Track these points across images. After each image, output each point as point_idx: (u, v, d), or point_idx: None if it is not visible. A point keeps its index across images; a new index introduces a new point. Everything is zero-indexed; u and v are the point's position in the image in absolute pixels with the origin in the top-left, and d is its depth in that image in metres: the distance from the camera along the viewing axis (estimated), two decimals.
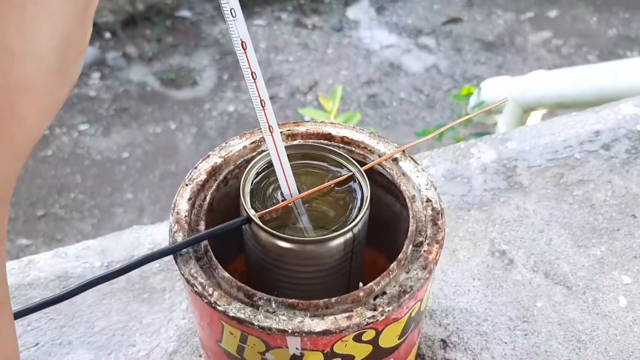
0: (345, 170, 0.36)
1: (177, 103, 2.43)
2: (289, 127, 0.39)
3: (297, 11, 2.87)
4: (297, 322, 0.29)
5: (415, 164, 0.37)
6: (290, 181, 0.34)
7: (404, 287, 0.31)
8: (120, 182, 2.16)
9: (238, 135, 0.38)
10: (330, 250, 0.33)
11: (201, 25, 2.77)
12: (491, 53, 2.74)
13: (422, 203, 0.35)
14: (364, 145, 0.38)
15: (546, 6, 2.99)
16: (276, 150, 0.33)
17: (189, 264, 0.32)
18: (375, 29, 2.83)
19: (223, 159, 0.37)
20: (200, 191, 0.36)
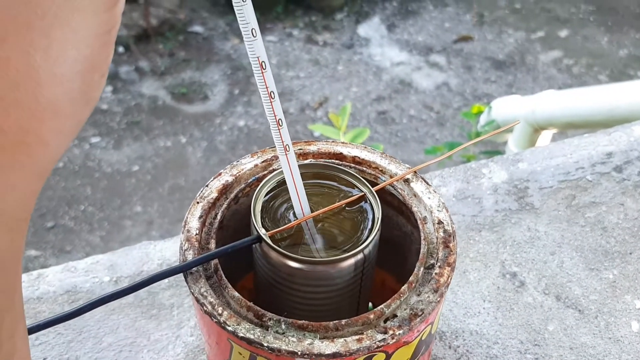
0: (356, 190, 0.36)
1: (188, 117, 2.45)
2: (300, 145, 0.39)
3: (309, 28, 2.89)
4: (306, 344, 0.29)
5: (427, 185, 0.37)
6: (303, 200, 0.34)
7: (415, 310, 0.31)
8: (130, 195, 2.17)
9: (249, 154, 0.38)
10: (341, 271, 0.33)
11: (213, 41, 2.79)
12: (502, 72, 2.74)
13: (433, 225, 0.35)
14: (375, 165, 0.38)
15: (557, 26, 2.99)
16: (290, 170, 0.33)
17: (199, 283, 0.32)
18: (386, 46, 2.84)
19: (234, 177, 0.37)
20: (211, 209, 0.36)
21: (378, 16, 3.00)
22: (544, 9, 3.13)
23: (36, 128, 0.18)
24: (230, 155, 2.28)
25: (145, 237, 1.97)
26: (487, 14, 3.06)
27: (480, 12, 3.06)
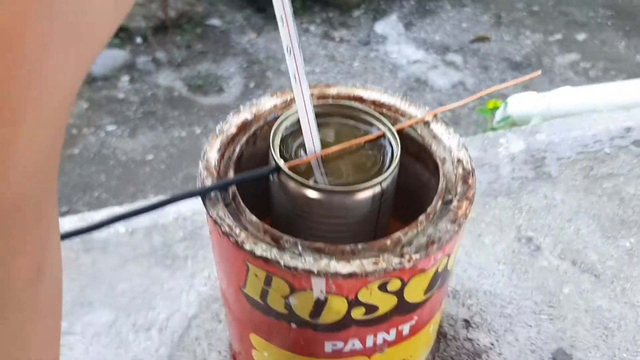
0: (375, 129, 0.36)
1: (203, 109, 2.46)
2: (320, 88, 0.39)
3: (326, 24, 2.90)
4: (323, 263, 0.29)
5: (446, 127, 0.37)
6: (314, 134, 0.34)
7: (433, 238, 0.31)
8: (144, 184, 2.18)
9: (269, 94, 0.39)
10: (358, 203, 0.33)
11: (230, 34, 2.81)
12: (518, 72, 2.73)
13: (452, 164, 0.35)
14: (395, 108, 0.38)
15: (575, 29, 2.97)
16: (303, 100, 0.33)
17: (217, 207, 0.32)
18: (403, 44, 2.84)
19: (253, 115, 0.37)
20: (230, 144, 0.36)
21: (395, 14, 3.00)
22: (562, 12, 3.11)
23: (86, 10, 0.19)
24: None
25: None
26: (505, 15, 3.05)
27: (497, 13, 3.05)
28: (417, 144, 0.38)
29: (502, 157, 0.60)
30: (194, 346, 0.46)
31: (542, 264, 0.51)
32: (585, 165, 0.60)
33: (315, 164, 0.34)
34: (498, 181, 0.58)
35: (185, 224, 0.53)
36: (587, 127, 0.64)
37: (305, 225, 0.34)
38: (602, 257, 0.52)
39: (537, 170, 0.59)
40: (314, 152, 0.34)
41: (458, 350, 0.46)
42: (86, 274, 0.50)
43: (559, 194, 0.57)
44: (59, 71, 0.20)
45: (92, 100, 2.52)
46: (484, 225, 0.54)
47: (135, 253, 0.51)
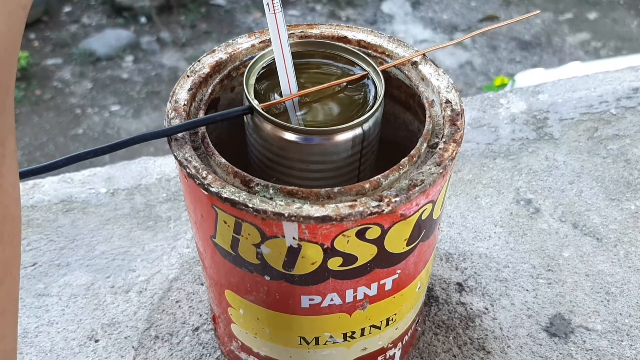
0: (359, 69, 0.33)
1: None
2: (302, 28, 0.36)
3: (332, 3, 2.85)
4: (295, 207, 0.27)
5: (435, 68, 0.34)
6: (290, 73, 0.31)
7: (414, 181, 0.28)
8: None
9: (246, 34, 0.36)
10: (338, 146, 0.30)
11: (235, 14, 2.77)
12: (527, 52, 2.68)
13: (441, 105, 0.32)
14: (382, 49, 0.35)
15: (586, 8, 2.91)
16: (278, 35, 0.30)
17: (184, 149, 0.29)
18: (410, 23, 2.80)
19: (229, 55, 0.35)
20: (202, 85, 0.33)
21: None
22: None
23: None
24: None
25: None
26: None
27: None
28: (405, 89, 0.36)
29: (502, 118, 0.57)
30: (174, 309, 0.44)
31: (542, 226, 0.49)
32: (590, 127, 0.57)
33: (291, 105, 0.32)
34: (497, 142, 0.55)
35: (169, 185, 0.51)
36: (593, 88, 0.61)
37: (281, 172, 0.32)
38: (605, 220, 0.50)
39: (539, 131, 0.56)
40: (290, 92, 0.32)
41: (450, 315, 0.43)
42: (65, 236, 0.48)
43: (561, 156, 0.54)
44: None
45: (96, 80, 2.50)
46: (480, 187, 0.52)
47: (116, 214, 0.49)
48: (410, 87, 0.35)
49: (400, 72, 0.35)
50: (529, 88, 0.60)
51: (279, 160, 0.32)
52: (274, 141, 0.31)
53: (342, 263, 0.29)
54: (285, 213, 0.27)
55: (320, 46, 0.34)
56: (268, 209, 0.27)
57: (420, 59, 0.35)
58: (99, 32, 2.69)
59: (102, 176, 0.51)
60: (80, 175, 0.51)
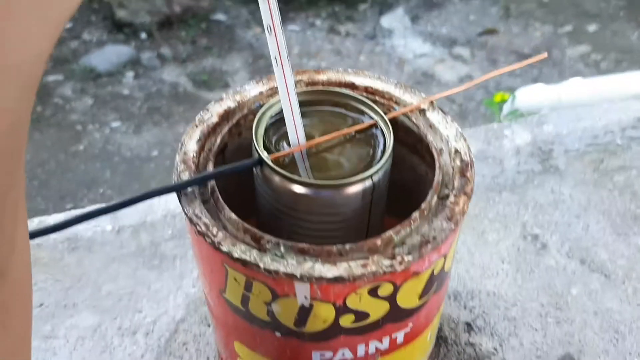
0: (367, 117, 0.33)
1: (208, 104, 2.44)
2: (309, 74, 0.36)
3: (332, 18, 2.86)
4: (307, 267, 0.27)
5: (443, 115, 0.34)
6: (298, 124, 0.31)
7: (427, 237, 0.28)
8: (148, 180, 2.16)
9: (254, 80, 0.36)
10: (348, 199, 0.30)
11: (235, 29, 2.78)
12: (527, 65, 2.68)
13: (450, 155, 0.32)
14: (389, 95, 0.35)
15: (585, 20, 2.92)
16: (285, 85, 0.30)
17: (194, 204, 0.29)
18: (409, 37, 2.80)
19: (237, 104, 0.35)
20: (210, 134, 0.33)
21: (402, 7, 2.96)
22: (572, 3, 3.05)
23: None
24: None
25: None
26: (514, 7, 3.01)
27: (506, 5, 3.01)
28: (412, 134, 0.36)
29: (507, 150, 0.57)
30: (181, 351, 0.43)
31: (549, 263, 0.49)
32: (595, 158, 0.57)
33: (299, 156, 0.32)
34: (502, 175, 0.55)
35: (174, 222, 0.51)
36: (598, 118, 0.61)
37: (291, 224, 0.32)
38: (613, 255, 0.49)
39: (544, 163, 0.56)
40: (298, 143, 0.32)
41: (459, 356, 0.43)
42: (71, 275, 0.47)
43: (567, 189, 0.54)
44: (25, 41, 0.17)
45: (97, 97, 2.50)
46: (487, 222, 0.52)
47: (122, 252, 0.49)
48: (417, 134, 0.35)
49: (408, 120, 0.35)
50: (533, 119, 0.60)
51: (287, 211, 0.31)
52: (283, 193, 0.31)
53: (354, 320, 0.29)
54: (297, 274, 0.26)
55: (327, 94, 0.34)
56: (280, 269, 0.27)
57: (427, 106, 0.35)
58: (99, 48, 2.70)
59: None
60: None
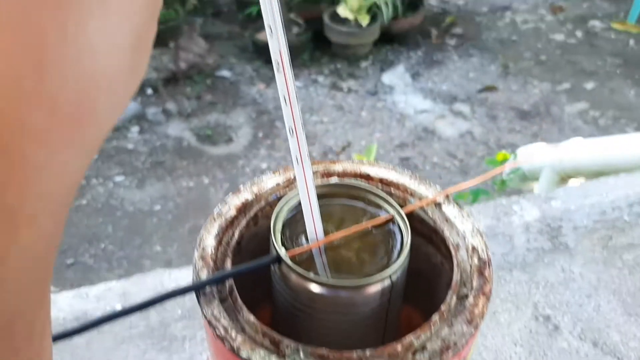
0: (383, 212, 0.34)
1: (211, 159, 2.46)
2: (325, 165, 0.37)
3: (334, 75, 2.92)
4: None
5: (459, 209, 0.34)
6: (317, 221, 0.32)
7: (447, 342, 0.28)
8: (150, 235, 2.16)
9: (271, 171, 0.37)
10: (366, 298, 0.30)
11: (240, 85, 2.83)
12: (526, 122, 2.72)
13: (467, 252, 0.32)
14: (404, 187, 0.36)
15: (583, 78, 2.98)
16: (305, 184, 0.31)
17: (212, 304, 0.29)
18: (410, 94, 2.85)
19: (254, 195, 0.35)
20: (228, 228, 0.34)
21: (403, 65, 3.02)
22: (569, 61, 3.12)
23: (90, 101, 0.17)
24: None
25: None
26: (512, 65, 3.07)
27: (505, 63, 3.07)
28: (428, 226, 0.36)
29: (516, 226, 0.57)
30: None
31: (562, 345, 0.48)
32: (604, 235, 0.57)
33: (317, 252, 0.32)
34: (512, 252, 0.55)
35: (184, 301, 0.50)
36: (605, 193, 0.61)
37: (307, 321, 0.32)
38: (625, 337, 0.49)
39: (554, 240, 0.56)
40: (316, 239, 0.32)
41: None
42: (80, 357, 0.47)
43: (577, 267, 0.54)
44: (61, 171, 0.18)
45: (102, 151, 2.53)
46: (499, 302, 0.51)
47: (131, 333, 0.48)
48: (433, 227, 0.35)
49: (424, 213, 0.35)
50: (541, 194, 0.60)
51: (304, 308, 0.31)
52: (301, 291, 0.31)
53: None
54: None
55: (343, 187, 0.35)
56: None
57: (443, 199, 0.35)
58: None
59: (117, 291, 0.51)
60: (95, 290, 0.51)
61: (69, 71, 0.17)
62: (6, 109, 0.16)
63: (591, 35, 3.25)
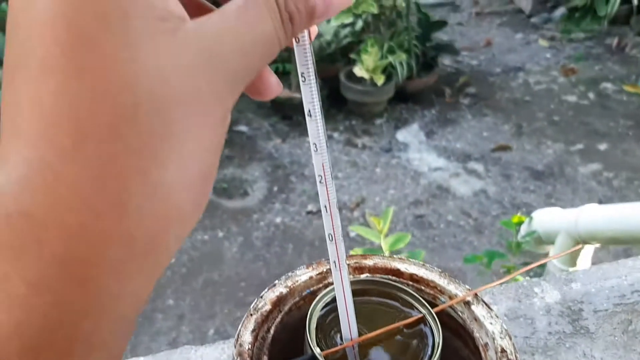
0: (415, 311, 0.35)
1: (227, 212, 2.48)
2: (356, 259, 0.38)
3: (349, 131, 2.97)
4: None
5: (488, 309, 0.36)
6: (352, 321, 0.33)
7: None
8: (164, 287, 2.17)
9: (304, 265, 0.38)
10: None
11: (257, 140, 2.88)
12: (540, 182, 2.73)
13: (496, 353, 0.33)
14: (434, 284, 0.37)
15: (596, 139, 3.00)
16: (342, 288, 0.32)
17: None
18: (424, 151, 2.88)
19: (289, 289, 0.37)
20: (264, 322, 0.35)
21: (417, 123, 3.07)
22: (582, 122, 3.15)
23: (163, 234, 0.19)
24: (265, 252, 2.28)
25: (175, 331, 1.95)
26: (526, 124, 3.10)
27: (518, 123, 3.11)
28: (456, 322, 0.37)
29: (538, 309, 0.58)
30: None
31: None
32: (624, 319, 0.58)
33: (351, 351, 0.33)
34: (534, 336, 0.56)
35: None
36: (624, 276, 0.62)
37: None
38: None
39: (575, 324, 0.57)
40: (350, 338, 0.33)
41: None
42: None
43: (598, 352, 0.54)
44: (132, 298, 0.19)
45: None
46: None
47: None
48: (462, 325, 0.36)
49: (454, 311, 0.36)
50: (561, 276, 0.61)
51: None
52: None
53: None
54: None
55: (375, 284, 0.36)
56: None
57: (472, 299, 0.36)
58: None
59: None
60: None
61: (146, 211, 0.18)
62: (87, 245, 0.18)
63: (603, 97, 3.29)
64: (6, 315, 0.17)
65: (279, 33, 0.21)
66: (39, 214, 0.17)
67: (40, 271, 0.17)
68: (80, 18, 0.17)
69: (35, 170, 0.17)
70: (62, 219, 0.17)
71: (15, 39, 0.18)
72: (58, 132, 0.17)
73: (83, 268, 0.18)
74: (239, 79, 0.21)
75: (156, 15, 0.18)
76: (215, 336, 1.92)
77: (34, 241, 0.17)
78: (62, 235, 0.17)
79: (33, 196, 0.17)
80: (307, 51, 0.25)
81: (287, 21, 0.21)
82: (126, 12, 0.17)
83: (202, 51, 0.19)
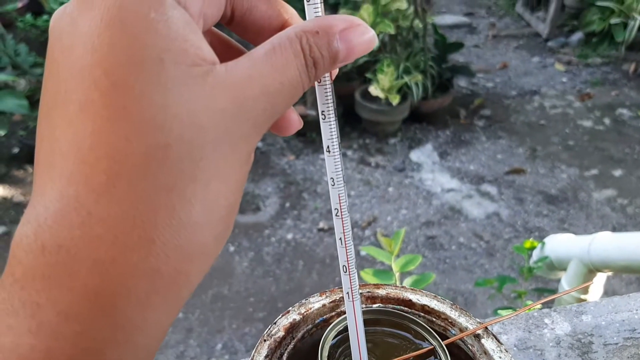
0: (426, 342, 0.35)
1: (238, 226, 2.49)
2: (369, 289, 0.39)
3: (362, 150, 2.98)
4: None
5: (498, 344, 0.36)
6: (363, 351, 0.33)
7: None
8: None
9: (318, 293, 0.39)
10: None
11: (270, 155, 2.90)
12: (554, 206, 2.71)
13: None
14: (445, 316, 0.38)
15: (611, 165, 2.98)
16: (354, 319, 0.33)
17: None
18: (437, 172, 2.88)
19: (302, 316, 0.37)
20: (277, 348, 0.36)
21: (431, 143, 3.07)
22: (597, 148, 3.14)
23: (187, 269, 0.20)
24: (275, 268, 2.28)
25: (182, 345, 1.95)
26: (540, 148, 3.10)
27: (533, 147, 3.10)
28: (466, 355, 0.38)
29: (548, 340, 0.58)
30: None
31: None
32: (634, 353, 0.58)
33: None
34: None
35: None
36: (635, 309, 0.62)
37: None
38: None
39: (584, 356, 0.57)
40: None
41: None
42: None
43: None
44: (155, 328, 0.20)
45: None
46: None
47: None
48: (472, 357, 0.36)
49: (463, 343, 0.37)
50: (572, 308, 0.61)
51: None
52: None
53: None
54: None
55: (387, 315, 0.37)
56: None
57: (482, 332, 0.37)
58: None
59: None
60: None
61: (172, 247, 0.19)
62: (116, 278, 0.19)
63: (619, 123, 3.28)
64: (37, 341, 0.18)
65: (302, 77, 0.22)
66: (72, 248, 0.18)
67: (71, 301, 0.18)
68: (117, 64, 0.18)
69: (70, 206, 0.18)
70: (94, 253, 0.18)
71: (55, 77, 0.19)
72: (93, 170, 0.18)
73: (111, 300, 0.19)
74: (265, 120, 0.21)
75: (189, 61, 0.19)
76: (222, 351, 1.92)
77: (67, 273, 0.18)
78: (94, 268, 0.18)
79: (68, 231, 0.18)
80: (328, 91, 0.26)
81: (312, 66, 0.22)
82: (161, 59, 0.18)
83: (232, 95, 0.20)
